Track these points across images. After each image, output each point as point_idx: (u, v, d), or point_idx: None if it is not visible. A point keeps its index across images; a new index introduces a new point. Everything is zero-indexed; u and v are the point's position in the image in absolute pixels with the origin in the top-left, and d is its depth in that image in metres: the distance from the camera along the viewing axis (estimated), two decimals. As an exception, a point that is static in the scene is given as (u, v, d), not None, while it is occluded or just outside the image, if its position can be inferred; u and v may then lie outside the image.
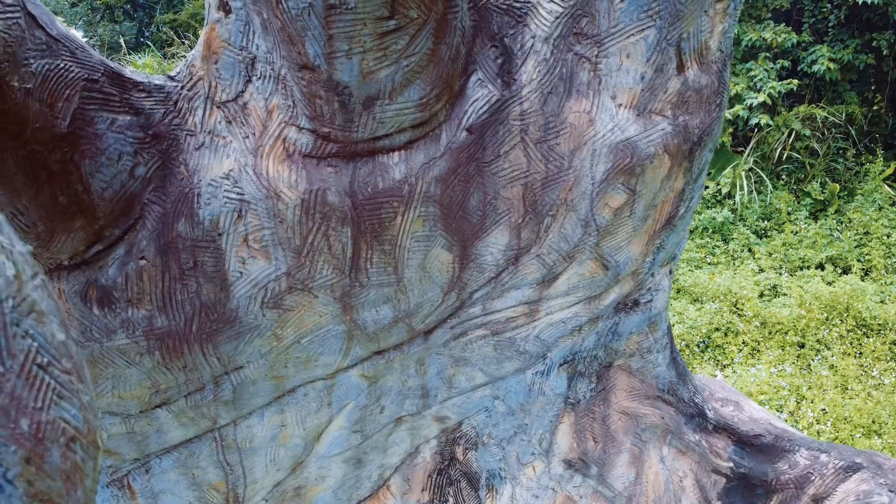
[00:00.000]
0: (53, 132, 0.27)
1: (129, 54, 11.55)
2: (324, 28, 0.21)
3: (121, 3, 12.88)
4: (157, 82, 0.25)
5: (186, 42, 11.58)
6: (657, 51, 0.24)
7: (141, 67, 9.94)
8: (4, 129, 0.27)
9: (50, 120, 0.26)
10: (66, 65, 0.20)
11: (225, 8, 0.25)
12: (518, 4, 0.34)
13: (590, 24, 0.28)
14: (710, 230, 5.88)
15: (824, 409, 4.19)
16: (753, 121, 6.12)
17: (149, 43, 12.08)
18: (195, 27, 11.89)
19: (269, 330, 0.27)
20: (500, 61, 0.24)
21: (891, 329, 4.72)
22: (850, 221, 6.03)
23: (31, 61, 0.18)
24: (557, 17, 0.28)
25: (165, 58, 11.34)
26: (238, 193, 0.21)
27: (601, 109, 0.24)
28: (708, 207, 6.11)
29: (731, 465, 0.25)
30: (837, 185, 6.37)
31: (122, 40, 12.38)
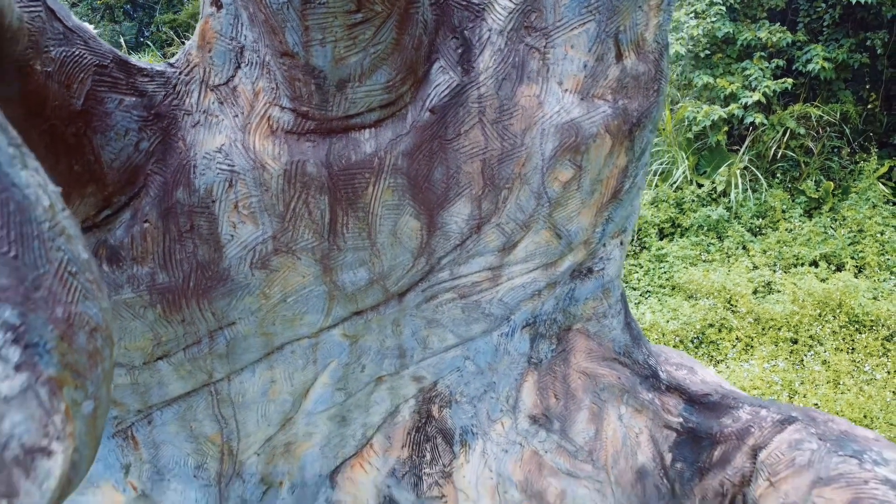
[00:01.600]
0: (70, 110, 0.31)
1: (130, 54, 11.62)
2: (301, 20, 0.25)
3: (121, 3, 12.93)
4: (158, 69, 0.29)
5: (186, 42, 11.64)
6: (598, 42, 0.28)
7: (141, 67, 9.98)
8: (29, 108, 0.31)
9: (67, 99, 0.30)
10: (80, 52, 0.23)
11: (217, 4, 0.29)
12: (476, 1, 0.38)
13: (538, 19, 0.31)
14: (705, 228, 5.92)
15: (816, 404, 4.24)
16: (748, 119, 6.17)
17: (149, 43, 12.14)
18: (195, 27, 11.96)
19: (258, 289, 0.31)
20: (460, 51, 0.28)
21: (883, 325, 4.77)
22: (844, 219, 6.07)
23: (51, 49, 0.22)
24: (510, 13, 0.32)
25: (166, 57, 11.41)
26: (229, 165, 0.25)
27: (549, 94, 0.27)
28: (703, 205, 6.16)
29: (681, 420, 0.28)
30: (832, 183, 6.41)
31: (122, 40, 12.43)
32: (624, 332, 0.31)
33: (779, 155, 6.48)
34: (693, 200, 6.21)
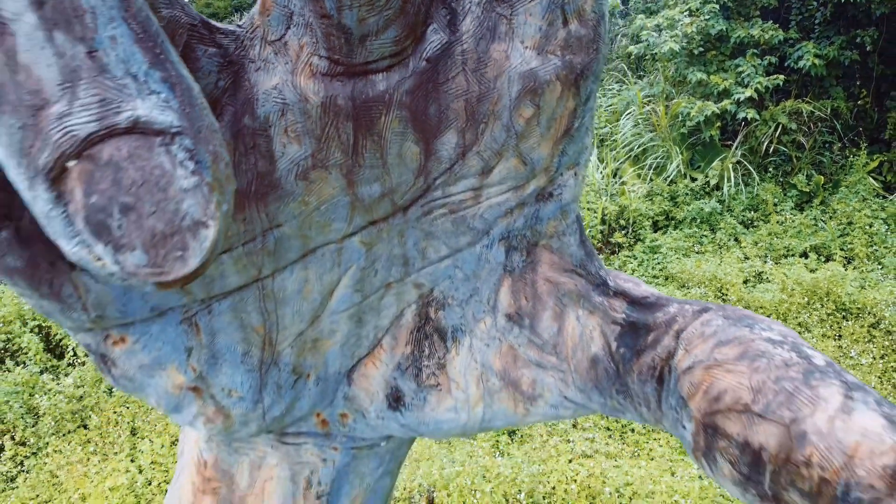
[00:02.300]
0: None
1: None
2: None
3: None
4: (231, 28, 0.37)
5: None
6: (549, 11, 0.35)
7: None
8: None
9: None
10: (179, 13, 0.31)
11: None
12: None
13: None
14: (699, 220, 6.06)
15: (803, 388, 4.39)
16: (741, 115, 6.30)
17: None
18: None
19: (300, 196, 0.38)
20: (448, 17, 0.36)
21: (869, 313, 4.92)
22: (834, 212, 6.21)
23: (162, 10, 0.30)
24: None
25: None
26: (281, 99, 0.32)
27: (514, 50, 0.34)
28: (697, 199, 6.30)
29: (624, 316, 0.35)
30: (823, 177, 6.55)
31: None
32: (579, 249, 0.38)
33: (771, 150, 6.62)
34: (687, 194, 6.35)
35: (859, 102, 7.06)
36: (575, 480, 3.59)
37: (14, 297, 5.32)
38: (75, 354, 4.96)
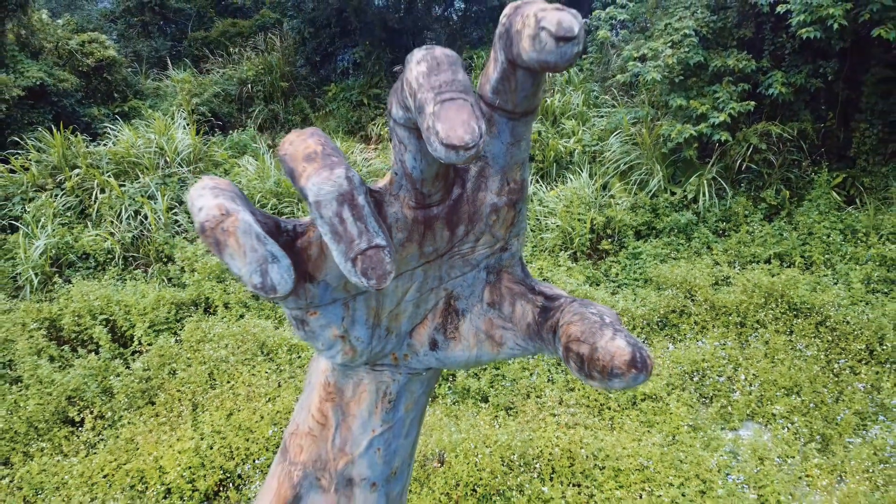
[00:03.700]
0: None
1: (167, 67, 12.58)
2: (419, 185, 0.58)
3: (156, 21, 13.83)
4: (377, 189, 0.63)
5: (220, 59, 12.59)
6: (501, 179, 0.64)
7: (179, 82, 10.99)
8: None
9: None
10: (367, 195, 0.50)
11: (397, 168, 0.60)
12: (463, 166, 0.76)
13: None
14: (676, 230, 6.85)
15: (755, 374, 5.16)
16: (716, 138, 7.08)
17: (186, 59, 12.99)
18: (225, 44, 12.86)
19: (399, 252, 0.64)
20: (461, 182, 0.66)
21: (817, 312, 5.69)
22: (797, 224, 6.98)
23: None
24: (475, 168, 0.64)
25: (201, 73, 12.35)
26: (396, 217, 0.53)
27: (488, 194, 0.66)
28: (675, 211, 7.09)
29: (541, 303, 0.65)
30: (789, 192, 7.32)
31: (167, 57, 13.17)
32: (521, 272, 0.69)
33: (743, 167, 7.40)
34: (667, 206, 7.15)
35: (827, 124, 7.82)
36: (558, 446, 4.39)
37: (83, 293, 6.16)
38: (140, 343, 5.81)
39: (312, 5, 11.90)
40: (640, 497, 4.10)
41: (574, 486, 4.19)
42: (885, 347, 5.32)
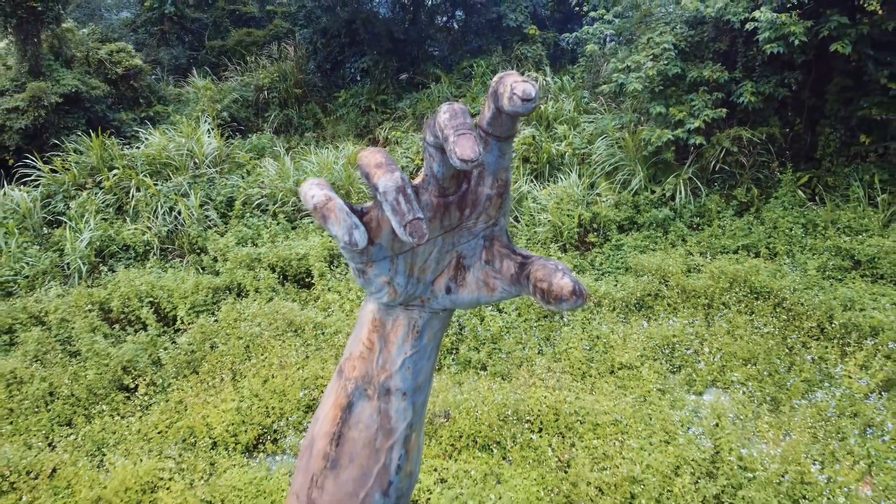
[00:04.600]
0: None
1: (186, 75, 13.37)
2: (441, 181, 0.78)
3: (174, 30, 14.58)
4: (416, 184, 0.81)
5: (239, 67, 13.38)
6: (494, 177, 0.85)
7: (201, 89, 11.81)
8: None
9: None
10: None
11: (426, 170, 0.77)
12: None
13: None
14: (654, 225, 7.66)
15: (718, 348, 5.93)
16: (691, 141, 7.88)
17: (206, 67, 13.72)
18: (241, 52, 13.67)
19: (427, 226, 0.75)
20: (469, 178, 0.86)
21: (775, 296, 6.47)
22: (764, 219, 7.78)
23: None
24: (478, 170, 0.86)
25: (220, 80, 13.16)
26: (426, 201, 0.66)
27: (484, 187, 0.85)
28: (654, 207, 7.89)
29: (520, 261, 0.88)
30: (759, 190, 8.12)
31: (187, 64, 13.84)
32: (507, 239, 0.90)
33: (717, 168, 8.21)
34: (647, 203, 7.95)
35: (795, 129, 8.61)
36: (545, 404, 5.18)
37: (130, 278, 6.96)
38: (182, 322, 6.62)
39: (324, 17, 12.72)
40: (614, 445, 4.91)
41: (559, 436, 4.99)
42: (833, 325, 6.08)
